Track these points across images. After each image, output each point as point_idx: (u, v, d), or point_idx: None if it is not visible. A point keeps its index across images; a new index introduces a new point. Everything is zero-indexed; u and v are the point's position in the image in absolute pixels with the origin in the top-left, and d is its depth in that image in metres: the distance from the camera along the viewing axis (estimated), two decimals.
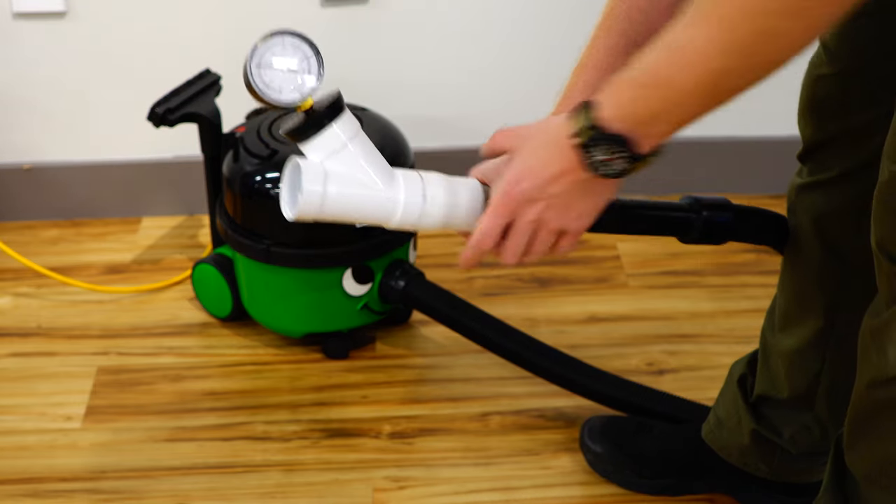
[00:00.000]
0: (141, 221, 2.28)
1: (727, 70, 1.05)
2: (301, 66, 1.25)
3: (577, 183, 1.17)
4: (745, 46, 1.03)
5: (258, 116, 1.95)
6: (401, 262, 1.87)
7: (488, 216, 1.20)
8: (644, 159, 1.15)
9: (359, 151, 1.25)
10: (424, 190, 1.25)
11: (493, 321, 1.80)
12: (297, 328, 1.91)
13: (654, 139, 1.14)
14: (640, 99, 1.11)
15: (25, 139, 2.25)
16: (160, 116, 1.91)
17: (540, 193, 1.18)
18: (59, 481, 1.70)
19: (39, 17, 2.14)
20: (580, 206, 1.19)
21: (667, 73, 1.08)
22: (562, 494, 1.67)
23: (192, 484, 1.69)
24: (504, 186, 1.19)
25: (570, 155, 1.14)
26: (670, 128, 1.13)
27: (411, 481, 1.69)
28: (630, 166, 1.14)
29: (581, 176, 1.15)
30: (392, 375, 1.89)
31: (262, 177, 1.82)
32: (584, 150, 1.13)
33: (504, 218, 1.20)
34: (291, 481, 1.69)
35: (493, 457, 1.73)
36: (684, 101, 1.09)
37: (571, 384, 1.76)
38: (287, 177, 1.25)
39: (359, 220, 1.27)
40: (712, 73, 1.05)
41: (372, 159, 1.25)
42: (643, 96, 1.11)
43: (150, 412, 1.82)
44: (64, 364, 1.92)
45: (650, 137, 1.13)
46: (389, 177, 1.25)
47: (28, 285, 2.11)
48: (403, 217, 1.25)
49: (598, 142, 1.12)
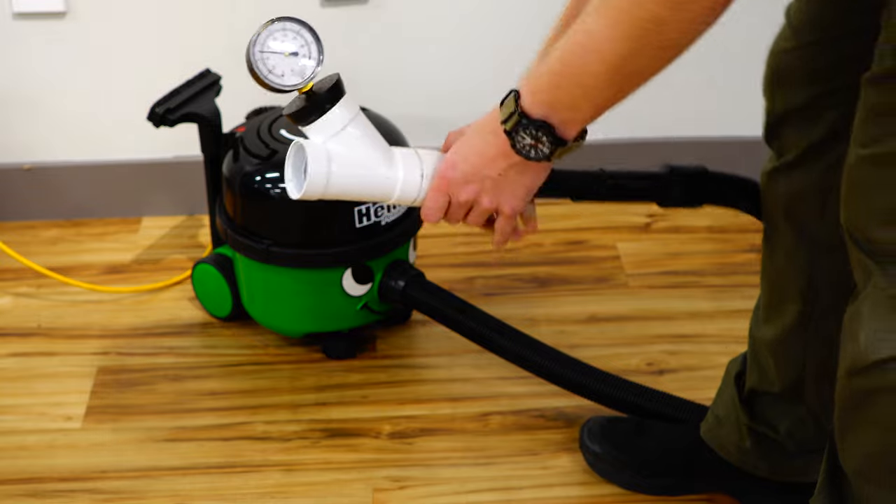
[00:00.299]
0: (141, 221, 2.29)
1: (626, 54, 1.15)
2: (302, 50, 1.33)
3: (509, 166, 1.27)
4: (637, 32, 1.13)
5: (258, 116, 1.95)
6: (400, 262, 1.87)
7: (429, 196, 1.33)
8: (567, 144, 1.24)
9: (359, 132, 1.31)
10: (422, 168, 1.32)
11: (492, 321, 1.80)
12: (296, 328, 1.91)
13: (574, 124, 1.23)
14: (557, 86, 1.21)
15: (25, 139, 2.25)
16: (160, 116, 1.91)
17: (474, 176, 1.29)
18: (59, 481, 1.70)
19: (39, 17, 2.14)
20: (512, 187, 1.30)
21: (576, 60, 1.18)
22: (562, 494, 1.67)
23: (192, 484, 1.69)
24: (442, 169, 1.31)
25: (502, 140, 1.25)
26: (588, 113, 1.22)
27: (411, 481, 1.69)
28: (555, 150, 1.24)
29: (512, 160, 1.26)
30: (392, 375, 1.89)
31: (261, 177, 1.82)
32: (513, 135, 1.23)
33: (443, 197, 1.32)
34: (291, 481, 1.69)
35: (493, 457, 1.73)
36: (594, 85, 1.19)
37: (571, 384, 1.76)
38: (291, 159, 1.31)
39: (360, 197, 1.36)
40: (614, 57, 1.15)
41: (371, 139, 1.32)
42: (558, 84, 1.21)
43: (150, 412, 1.82)
44: (64, 364, 1.92)
45: (571, 123, 1.23)
46: (389, 156, 1.32)
47: (28, 285, 2.11)
48: (402, 193, 1.33)
49: (525, 127, 1.22)
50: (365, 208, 1.79)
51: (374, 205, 1.79)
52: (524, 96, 1.23)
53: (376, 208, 1.80)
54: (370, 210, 1.80)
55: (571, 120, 1.23)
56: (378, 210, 1.81)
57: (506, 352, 1.78)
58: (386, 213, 1.82)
